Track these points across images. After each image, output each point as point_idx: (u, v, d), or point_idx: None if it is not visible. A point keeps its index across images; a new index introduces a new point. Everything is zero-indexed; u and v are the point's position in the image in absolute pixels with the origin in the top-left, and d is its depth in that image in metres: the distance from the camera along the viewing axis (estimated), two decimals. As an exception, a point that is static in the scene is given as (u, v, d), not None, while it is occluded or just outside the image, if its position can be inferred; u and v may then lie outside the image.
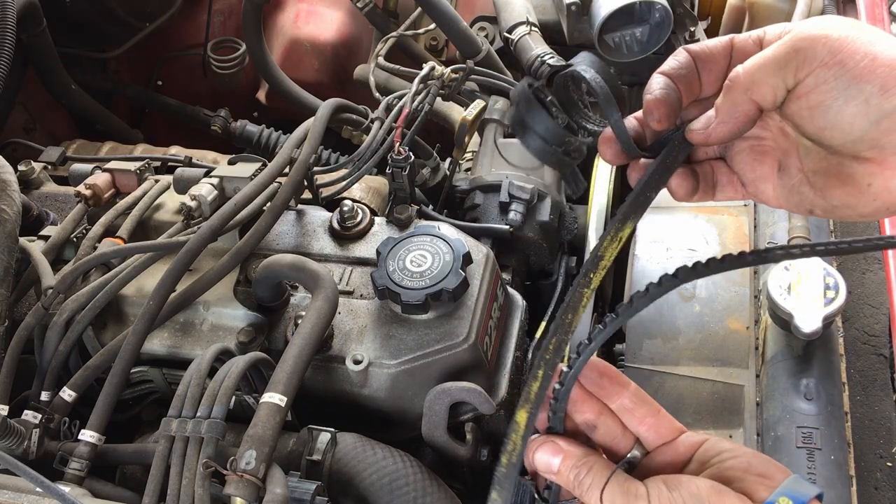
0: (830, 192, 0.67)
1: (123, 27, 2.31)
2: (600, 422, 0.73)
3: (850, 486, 1.08)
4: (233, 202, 1.23)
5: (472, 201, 1.54)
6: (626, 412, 0.73)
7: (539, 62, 1.83)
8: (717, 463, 0.70)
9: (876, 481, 1.12)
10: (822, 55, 0.60)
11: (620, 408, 0.73)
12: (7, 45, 1.73)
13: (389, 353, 1.15)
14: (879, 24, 1.69)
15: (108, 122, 2.28)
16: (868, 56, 0.58)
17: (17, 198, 1.31)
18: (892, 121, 0.59)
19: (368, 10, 2.04)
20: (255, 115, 2.50)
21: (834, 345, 1.22)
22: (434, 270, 1.17)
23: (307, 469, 1.08)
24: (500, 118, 1.68)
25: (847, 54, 0.59)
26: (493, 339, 1.24)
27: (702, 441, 0.72)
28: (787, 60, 0.61)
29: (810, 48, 0.60)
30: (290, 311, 1.25)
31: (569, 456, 0.70)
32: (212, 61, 2.36)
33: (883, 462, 1.14)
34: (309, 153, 1.31)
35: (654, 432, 0.73)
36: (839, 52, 0.59)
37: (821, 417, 1.13)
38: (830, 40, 0.60)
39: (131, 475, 1.16)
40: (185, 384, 1.05)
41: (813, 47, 0.60)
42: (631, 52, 1.81)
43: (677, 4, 1.79)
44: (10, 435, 1.07)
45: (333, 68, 2.45)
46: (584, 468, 0.69)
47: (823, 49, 0.60)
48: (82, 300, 1.22)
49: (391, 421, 1.18)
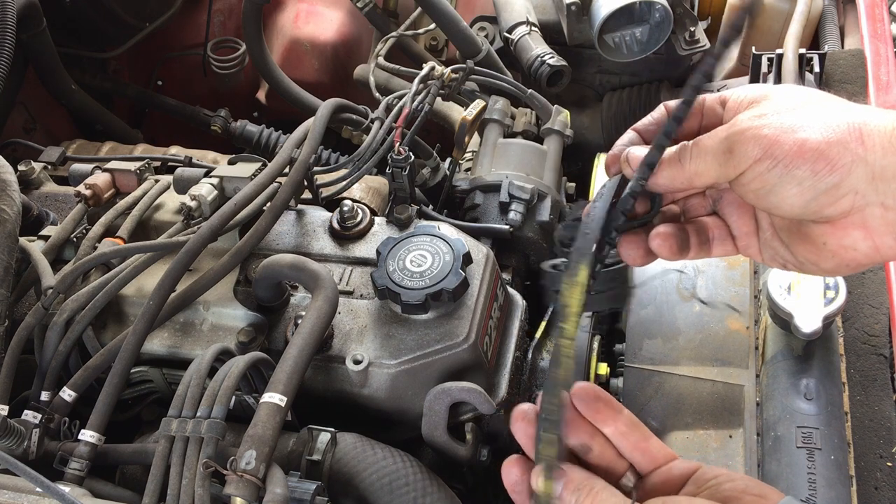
0: (795, 248, 0.71)
1: (123, 27, 2.31)
2: (594, 444, 0.74)
3: (850, 486, 1.08)
4: (233, 202, 1.23)
5: (472, 201, 1.54)
6: (620, 437, 0.74)
7: (539, 62, 1.83)
8: (713, 486, 0.71)
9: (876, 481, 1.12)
10: (755, 153, 0.65)
11: (615, 433, 0.74)
12: (7, 45, 1.73)
13: (389, 353, 1.15)
14: (880, 24, 1.69)
15: (108, 122, 2.28)
16: (797, 144, 0.63)
17: (17, 198, 1.31)
18: (829, 195, 0.64)
19: (368, 10, 2.04)
20: (255, 115, 2.50)
21: (834, 345, 1.22)
22: (434, 270, 1.17)
23: (307, 469, 1.08)
24: (500, 118, 1.68)
25: (777, 147, 0.64)
26: (493, 339, 1.24)
27: (696, 467, 0.74)
28: (725, 159, 0.67)
29: (743, 147, 0.66)
30: (290, 311, 1.25)
31: (571, 480, 0.70)
32: (212, 61, 2.36)
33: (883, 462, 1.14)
34: (309, 153, 1.31)
35: (648, 457, 0.74)
36: (770, 146, 0.64)
37: (821, 417, 1.13)
38: (761, 137, 0.65)
39: (131, 475, 1.16)
40: (185, 384, 1.05)
41: (745, 145, 0.65)
42: (631, 52, 1.81)
43: (677, 4, 1.79)
44: (10, 435, 1.07)
45: (333, 68, 2.45)
46: (585, 491, 0.69)
47: (755, 147, 0.65)
48: (82, 300, 1.22)
49: (391, 421, 1.18)
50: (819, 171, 0.62)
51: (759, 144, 0.64)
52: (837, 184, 0.63)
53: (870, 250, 0.66)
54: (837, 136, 0.63)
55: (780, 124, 0.64)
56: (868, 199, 0.63)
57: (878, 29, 1.68)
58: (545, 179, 1.56)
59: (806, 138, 0.63)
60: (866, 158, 0.62)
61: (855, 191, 0.63)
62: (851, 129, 0.63)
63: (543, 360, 1.39)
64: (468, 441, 1.16)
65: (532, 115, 1.74)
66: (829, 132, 0.63)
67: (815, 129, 0.63)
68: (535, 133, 1.72)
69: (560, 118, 1.68)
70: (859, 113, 0.64)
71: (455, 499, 1.10)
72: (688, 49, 1.87)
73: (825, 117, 0.64)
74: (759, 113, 0.66)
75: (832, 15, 1.81)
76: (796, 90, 0.69)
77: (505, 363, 1.26)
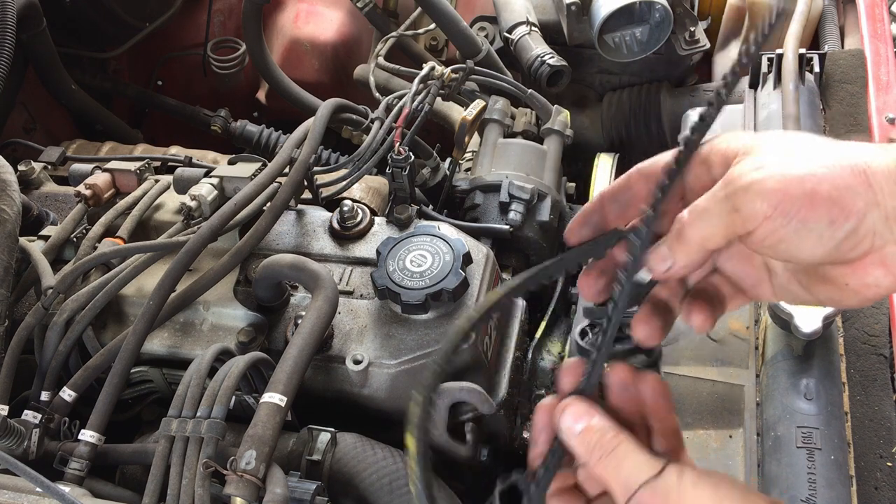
0: (815, 290, 0.70)
1: (123, 27, 2.31)
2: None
3: (850, 486, 1.08)
4: (233, 202, 1.23)
5: (472, 201, 1.54)
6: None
7: (539, 62, 1.83)
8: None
9: (876, 481, 1.12)
10: (764, 209, 0.62)
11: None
12: (7, 45, 1.73)
13: (389, 353, 1.15)
14: (879, 24, 1.69)
15: (108, 122, 2.28)
16: (807, 196, 0.61)
17: (17, 198, 1.31)
18: (849, 241, 0.62)
19: (368, 10, 2.04)
20: (255, 115, 2.50)
21: (834, 345, 1.21)
22: (434, 270, 1.17)
23: (307, 469, 1.08)
24: (500, 118, 1.68)
25: (787, 202, 0.61)
26: (493, 339, 1.24)
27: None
28: (731, 220, 0.64)
29: (750, 204, 0.62)
30: (290, 311, 1.25)
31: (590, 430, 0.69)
32: (212, 61, 2.36)
33: (883, 462, 1.14)
34: (309, 153, 1.31)
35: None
36: (779, 202, 0.61)
37: (821, 417, 1.13)
38: (767, 192, 0.62)
39: (131, 475, 1.16)
40: (185, 384, 1.05)
41: (752, 202, 0.62)
42: (631, 52, 1.81)
43: (677, 4, 1.79)
44: (10, 435, 1.07)
45: (333, 68, 2.45)
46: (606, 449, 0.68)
47: (763, 203, 0.62)
48: (82, 300, 1.22)
49: (391, 421, 1.18)
50: (835, 219, 0.61)
51: (767, 200, 0.62)
52: (855, 229, 0.62)
53: (892, 284, 0.65)
54: (845, 182, 0.61)
55: (783, 175, 0.62)
56: (885, 239, 0.63)
57: (878, 29, 1.68)
58: (545, 179, 1.56)
59: (814, 188, 0.61)
60: (877, 201, 0.61)
61: (873, 232, 0.62)
62: (856, 173, 0.62)
63: (543, 360, 1.39)
64: (468, 441, 1.16)
65: (532, 115, 1.74)
66: (836, 178, 0.62)
67: (822, 177, 0.62)
68: (535, 133, 1.72)
69: (560, 118, 1.68)
70: (859, 154, 0.63)
71: (455, 499, 1.10)
72: (688, 49, 1.87)
73: (827, 162, 0.63)
74: (757, 165, 0.64)
75: (832, 15, 1.81)
76: (785, 135, 0.67)
77: (505, 363, 1.26)
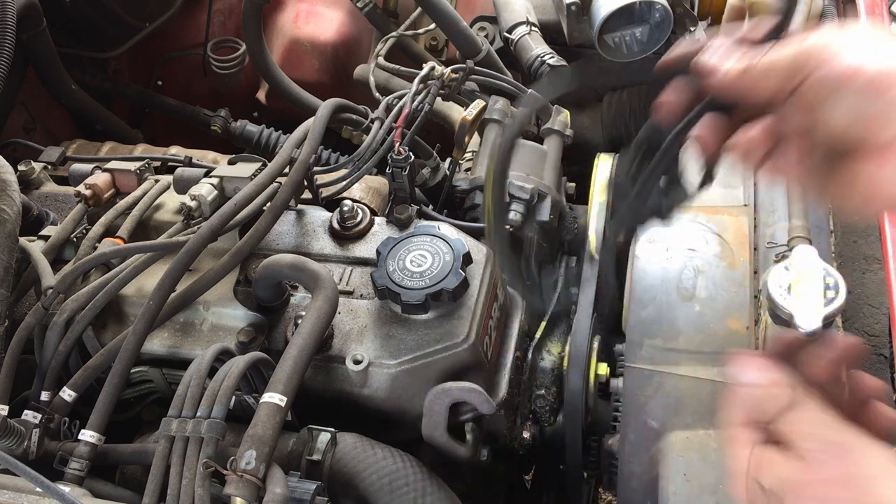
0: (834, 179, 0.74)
1: (123, 27, 2.30)
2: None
3: (850, 486, 1.08)
4: (233, 202, 1.23)
5: (472, 201, 1.54)
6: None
7: (539, 62, 1.83)
8: None
9: (876, 481, 1.12)
10: (816, 67, 0.70)
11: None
12: (7, 45, 1.73)
13: (389, 353, 1.15)
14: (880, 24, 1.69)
15: (108, 122, 2.28)
16: (852, 68, 0.69)
17: (17, 198, 1.31)
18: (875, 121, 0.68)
19: (368, 10, 2.04)
20: (255, 115, 2.49)
21: (834, 345, 1.21)
22: (434, 270, 1.17)
23: (307, 469, 1.08)
24: (500, 118, 1.68)
25: (837, 66, 0.69)
26: (493, 339, 1.24)
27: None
28: (791, 67, 0.72)
29: (807, 60, 0.71)
30: (290, 311, 1.25)
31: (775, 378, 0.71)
32: (212, 61, 2.36)
33: (883, 462, 1.14)
34: (309, 153, 1.31)
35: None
36: (831, 64, 0.69)
37: (821, 417, 1.13)
38: (825, 54, 0.70)
39: (131, 475, 1.16)
40: (185, 384, 1.05)
41: (810, 59, 0.71)
42: (631, 52, 1.81)
43: (677, 4, 1.79)
44: (10, 435, 1.07)
45: (333, 68, 2.45)
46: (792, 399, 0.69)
47: (816, 63, 0.70)
48: (82, 300, 1.22)
49: (391, 421, 1.18)
50: (869, 95, 0.67)
51: (822, 61, 0.70)
52: (885, 112, 0.67)
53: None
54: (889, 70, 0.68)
55: (844, 47, 0.70)
56: None
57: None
58: (545, 179, 1.56)
59: (862, 64, 0.68)
60: None
61: None
62: None
63: (543, 360, 1.39)
64: (468, 441, 1.16)
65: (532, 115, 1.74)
66: (884, 65, 0.68)
67: (874, 61, 0.68)
68: (535, 133, 1.72)
69: (560, 118, 1.68)
70: None
71: (455, 499, 1.10)
72: (688, 49, 1.86)
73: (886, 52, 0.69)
74: (828, 39, 0.71)
75: (832, 14, 1.81)
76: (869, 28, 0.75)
77: (505, 363, 1.26)
